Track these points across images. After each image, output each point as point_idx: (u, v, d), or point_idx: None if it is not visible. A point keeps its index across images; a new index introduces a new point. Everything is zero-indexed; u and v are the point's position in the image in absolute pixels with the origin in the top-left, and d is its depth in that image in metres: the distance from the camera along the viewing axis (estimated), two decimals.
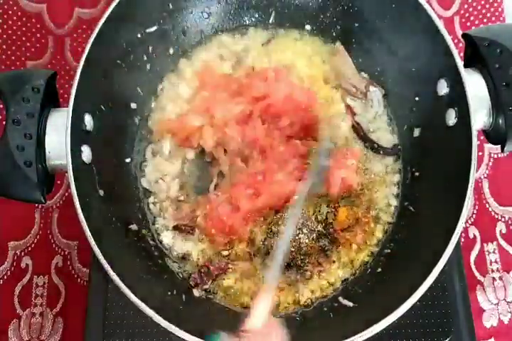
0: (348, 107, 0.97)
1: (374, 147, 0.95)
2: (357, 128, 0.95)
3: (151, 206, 0.93)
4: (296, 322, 0.84)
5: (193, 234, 0.89)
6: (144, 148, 0.95)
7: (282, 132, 0.90)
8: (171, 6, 0.94)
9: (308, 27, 1.02)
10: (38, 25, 1.15)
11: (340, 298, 0.85)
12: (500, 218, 1.07)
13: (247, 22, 1.03)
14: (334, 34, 1.00)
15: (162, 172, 0.93)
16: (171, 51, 0.99)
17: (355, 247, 0.89)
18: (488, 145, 1.11)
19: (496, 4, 1.18)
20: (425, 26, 0.80)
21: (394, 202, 0.92)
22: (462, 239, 1.05)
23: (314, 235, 0.89)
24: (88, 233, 0.69)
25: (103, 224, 0.79)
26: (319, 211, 0.90)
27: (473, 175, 0.71)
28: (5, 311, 0.98)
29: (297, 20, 1.01)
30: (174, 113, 0.96)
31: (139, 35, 0.91)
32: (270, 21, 1.02)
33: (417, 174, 0.90)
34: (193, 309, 0.83)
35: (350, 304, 0.82)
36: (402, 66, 0.91)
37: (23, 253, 1.02)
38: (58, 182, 1.06)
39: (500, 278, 1.03)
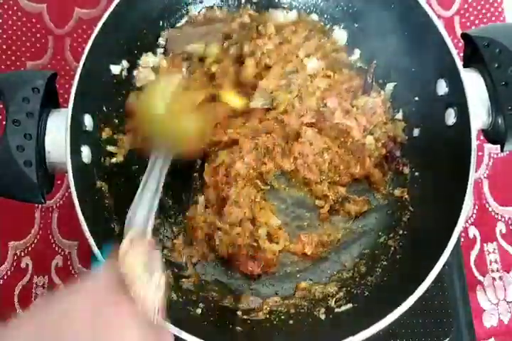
0: None
1: None
2: None
3: None
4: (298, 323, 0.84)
5: None
6: None
7: None
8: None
9: None
10: (38, 25, 1.15)
11: (340, 299, 0.85)
12: (500, 218, 1.07)
13: None
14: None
15: None
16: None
17: None
18: (488, 145, 1.11)
19: (496, 4, 1.18)
20: (425, 26, 0.80)
21: None
22: (462, 239, 1.05)
23: None
24: (88, 233, 0.69)
25: (103, 225, 0.80)
26: None
27: (473, 175, 0.71)
28: (5, 311, 0.98)
29: None
30: None
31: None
32: None
33: (416, 174, 0.90)
34: None
35: (350, 305, 0.82)
36: (401, 66, 0.91)
37: (23, 254, 1.02)
38: (58, 182, 1.05)
39: (500, 278, 1.03)
